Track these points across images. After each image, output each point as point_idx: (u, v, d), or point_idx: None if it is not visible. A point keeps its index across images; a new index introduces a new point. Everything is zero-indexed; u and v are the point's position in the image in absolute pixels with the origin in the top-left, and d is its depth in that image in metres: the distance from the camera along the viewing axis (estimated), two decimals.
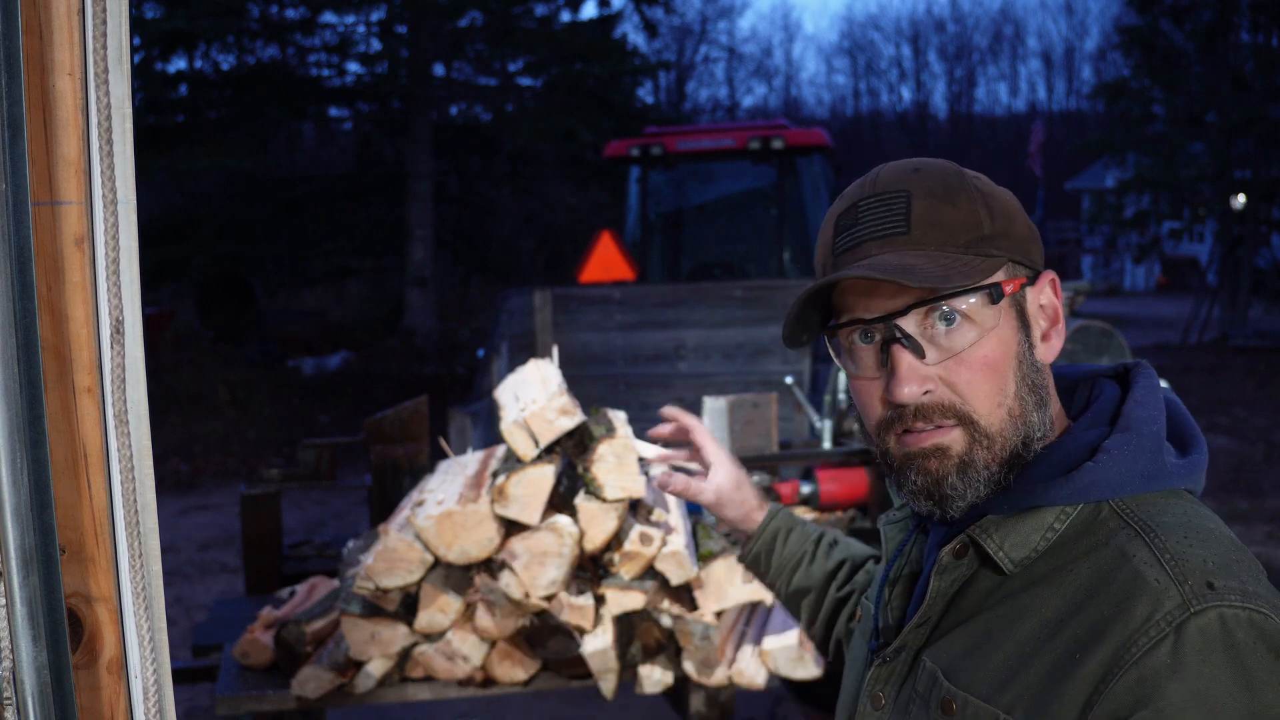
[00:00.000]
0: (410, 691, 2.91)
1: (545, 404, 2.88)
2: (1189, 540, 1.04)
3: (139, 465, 1.06)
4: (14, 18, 0.95)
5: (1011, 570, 1.10)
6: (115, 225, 1.04)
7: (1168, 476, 1.10)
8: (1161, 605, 1.00)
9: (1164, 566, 1.02)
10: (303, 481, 4.21)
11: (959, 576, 1.14)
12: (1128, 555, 1.05)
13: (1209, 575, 1.01)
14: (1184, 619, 0.98)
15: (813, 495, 3.77)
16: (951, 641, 1.13)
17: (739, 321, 6.50)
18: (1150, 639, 0.99)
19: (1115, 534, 1.07)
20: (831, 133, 11.43)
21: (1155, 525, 1.06)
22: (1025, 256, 1.14)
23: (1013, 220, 1.14)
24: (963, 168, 1.17)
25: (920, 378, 1.11)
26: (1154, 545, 1.04)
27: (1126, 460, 1.09)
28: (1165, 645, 0.98)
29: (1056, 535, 1.09)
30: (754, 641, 2.92)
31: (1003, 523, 1.11)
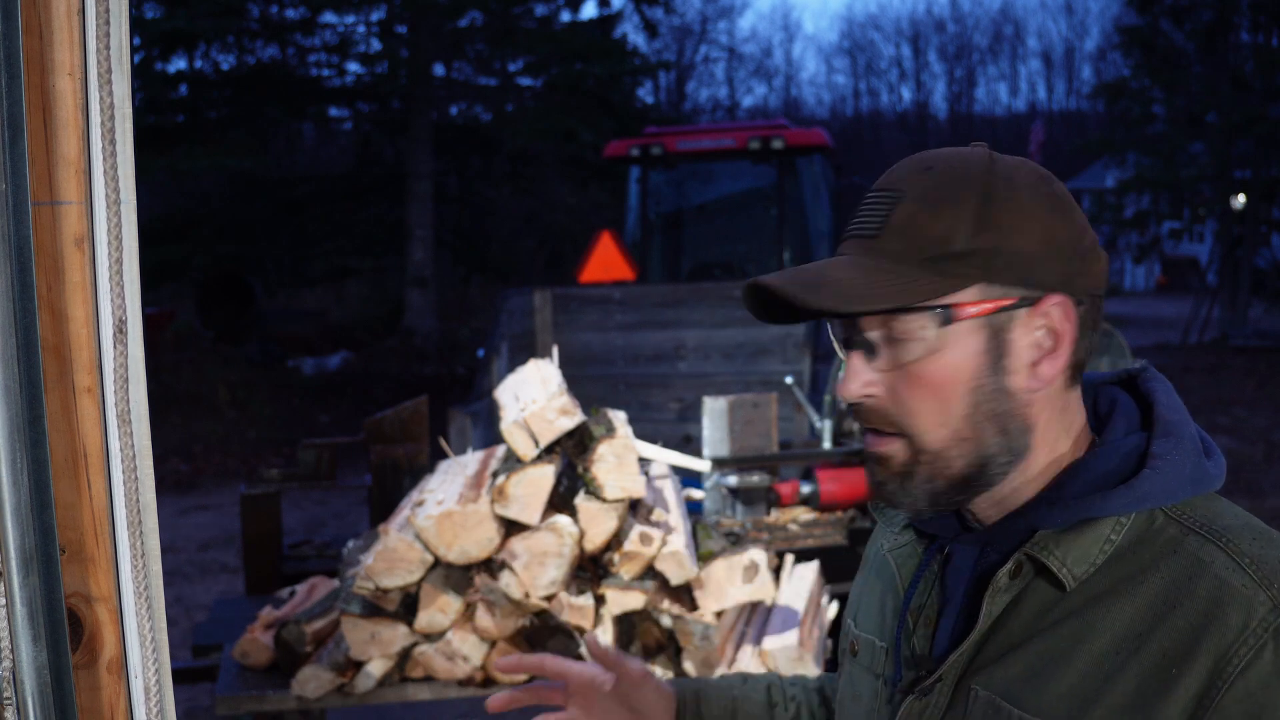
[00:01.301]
0: (410, 691, 2.91)
1: (545, 404, 2.88)
2: (1259, 542, 1.02)
3: (139, 465, 1.06)
4: (14, 18, 0.95)
5: (1073, 586, 1.04)
6: (116, 225, 1.04)
7: (1209, 479, 1.08)
8: (1255, 611, 0.97)
9: (1246, 571, 0.99)
10: (303, 481, 4.21)
11: (1009, 598, 1.08)
12: (1205, 562, 1.01)
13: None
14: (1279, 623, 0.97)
15: (813, 495, 3.77)
16: (1007, 666, 1.06)
17: (739, 321, 6.50)
18: (1250, 647, 0.96)
19: (1182, 541, 1.03)
20: (831, 133, 11.44)
21: (1222, 529, 1.03)
22: (1017, 276, 1.04)
23: (1009, 235, 1.04)
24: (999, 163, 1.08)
25: (863, 380, 1.08)
26: (1230, 550, 1.01)
27: (1176, 466, 1.06)
28: (1267, 653, 0.96)
29: (1113, 547, 1.04)
30: (754, 641, 2.92)
31: (1060, 537, 1.05)
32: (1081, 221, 1.07)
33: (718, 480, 3.75)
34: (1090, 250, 1.07)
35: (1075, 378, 1.10)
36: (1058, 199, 1.07)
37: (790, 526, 3.73)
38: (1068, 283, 1.06)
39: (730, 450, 3.69)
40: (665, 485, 3.19)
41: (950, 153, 1.10)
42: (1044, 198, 1.06)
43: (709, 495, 3.80)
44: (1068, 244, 1.06)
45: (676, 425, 6.29)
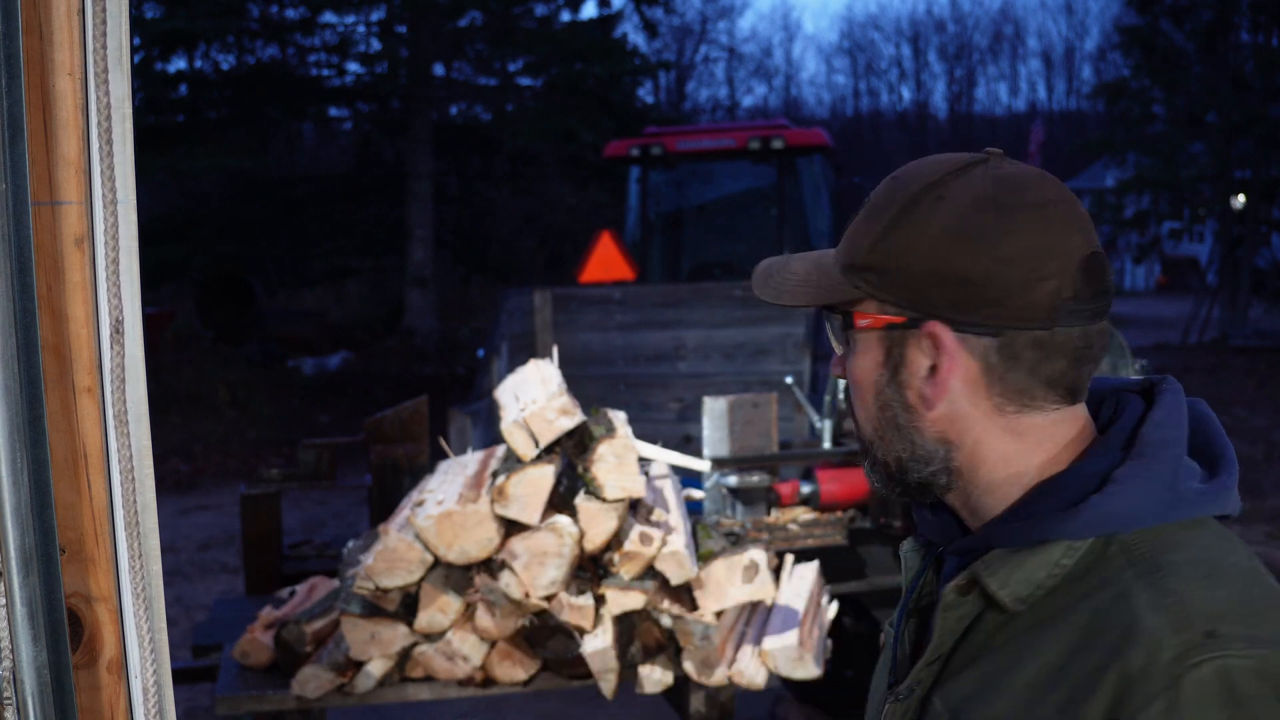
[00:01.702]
0: (410, 691, 2.91)
1: (545, 404, 2.88)
2: (1197, 580, 0.97)
3: (139, 465, 1.06)
4: (14, 18, 0.95)
5: (1016, 609, 1.04)
6: (115, 225, 1.04)
7: (1187, 505, 1.02)
8: (1158, 657, 0.93)
9: (1164, 611, 0.95)
10: (303, 481, 4.21)
11: (966, 614, 1.08)
12: (1129, 597, 0.98)
13: (1213, 621, 0.94)
14: (1180, 673, 0.92)
15: (813, 495, 3.77)
16: (961, 682, 1.07)
17: (739, 321, 6.50)
18: (1145, 695, 0.92)
19: (1122, 572, 1.00)
20: (831, 133, 11.44)
21: (1163, 563, 0.99)
22: (906, 298, 1.06)
23: (901, 256, 1.05)
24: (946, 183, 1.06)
25: (836, 363, 1.16)
26: (1156, 586, 0.97)
27: (1138, 490, 1.01)
28: (1160, 703, 0.92)
29: (1065, 571, 1.02)
30: (754, 641, 2.92)
31: (1009, 557, 1.04)
32: (1002, 255, 1.02)
33: (718, 480, 3.75)
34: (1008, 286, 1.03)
35: (1023, 404, 1.06)
36: (978, 230, 1.03)
37: (790, 526, 3.73)
38: (958, 312, 1.04)
39: (730, 450, 3.69)
40: (665, 485, 3.19)
41: (929, 161, 1.10)
42: (960, 227, 1.04)
43: (709, 495, 3.80)
44: (961, 274, 1.03)
45: (676, 425, 6.29)
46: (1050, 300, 1.03)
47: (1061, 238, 1.03)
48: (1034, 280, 1.02)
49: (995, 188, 1.05)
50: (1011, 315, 1.03)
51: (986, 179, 1.06)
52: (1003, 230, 1.03)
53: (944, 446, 1.09)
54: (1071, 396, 1.07)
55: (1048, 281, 1.02)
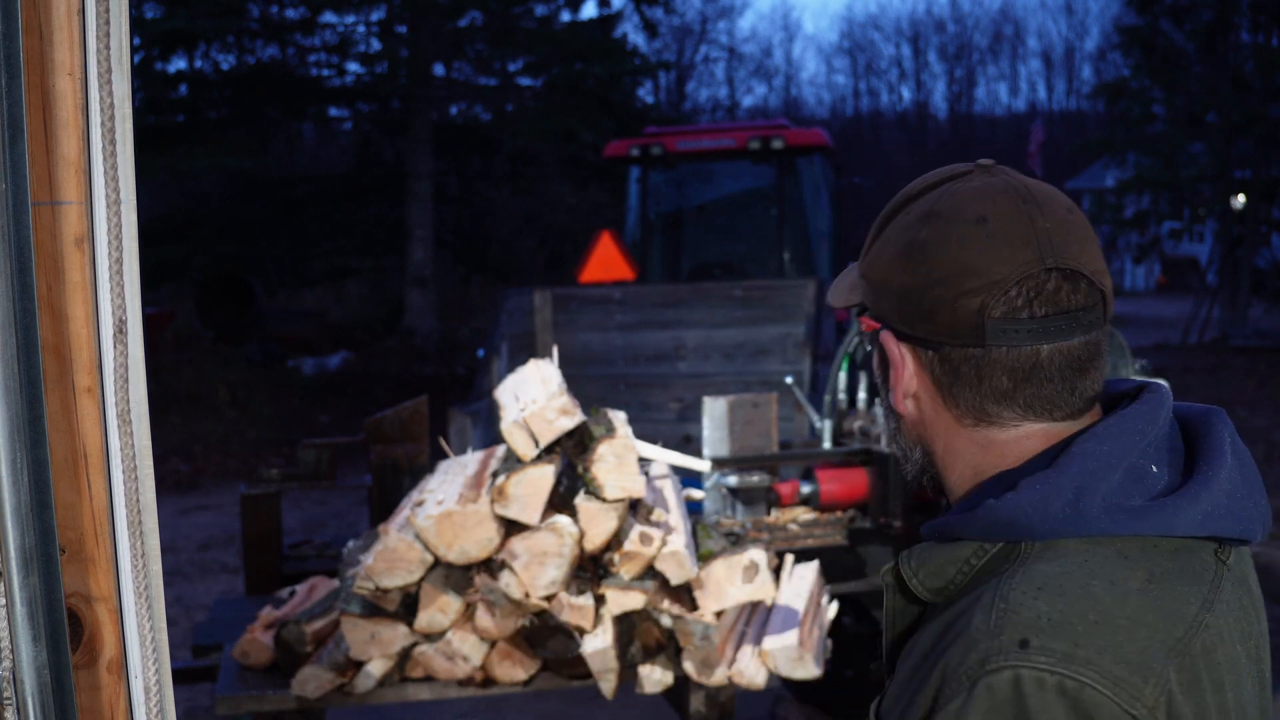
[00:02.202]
0: (410, 691, 2.91)
1: (545, 404, 2.88)
2: (1042, 592, 0.96)
3: (139, 465, 1.06)
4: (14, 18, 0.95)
5: (927, 599, 1.06)
6: (116, 225, 1.04)
7: (1088, 521, 0.99)
8: (968, 657, 0.95)
9: (990, 615, 0.96)
10: (303, 481, 4.21)
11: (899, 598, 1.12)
12: (978, 601, 0.99)
13: (1031, 632, 0.94)
14: (979, 675, 0.93)
15: (813, 495, 3.77)
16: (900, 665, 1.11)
17: (739, 321, 6.50)
18: (950, 691, 0.94)
19: (999, 575, 1.01)
20: (831, 133, 11.44)
21: (1024, 571, 0.99)
22: (876, 307, 1.12)
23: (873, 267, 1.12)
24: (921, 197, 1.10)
25: None
26: (999, 591, 0.98)
27: (1036, 499, 1.00)
28: (956, 701, 0.94)
29: (974, 570, 1.04)
30: (754, 641, 2.92)
31: (926, 551, 1.08)
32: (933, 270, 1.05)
33: (718, 480, 3.75)
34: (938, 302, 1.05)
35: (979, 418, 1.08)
36: (916, 245, 1.06)
37: (790, 526, 3.73)
38: (902, 324, 1.09)
39: (730, 450, 3.69)
40: (665, 485, 3.19)
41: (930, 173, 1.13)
42: (904, 243, 1.07)
43: (709, 495, 3.80)
44: (901, 288, 1.07)
45: (676, 425, 6.29)
46: (974, 318, 1.03)
47: (994, 254, 1.02)
48: (958, 296, 1.04)
49: (944, 203, 1.07)
50: (943, 330, 1.05)
51: (945, 194, 1.08)
52: (936, 245, 1.05)
53: (919, 449, 1.14)
54: (1037, 412, 1.06)
55: (971, 299, 1.03)
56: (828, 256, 9.66)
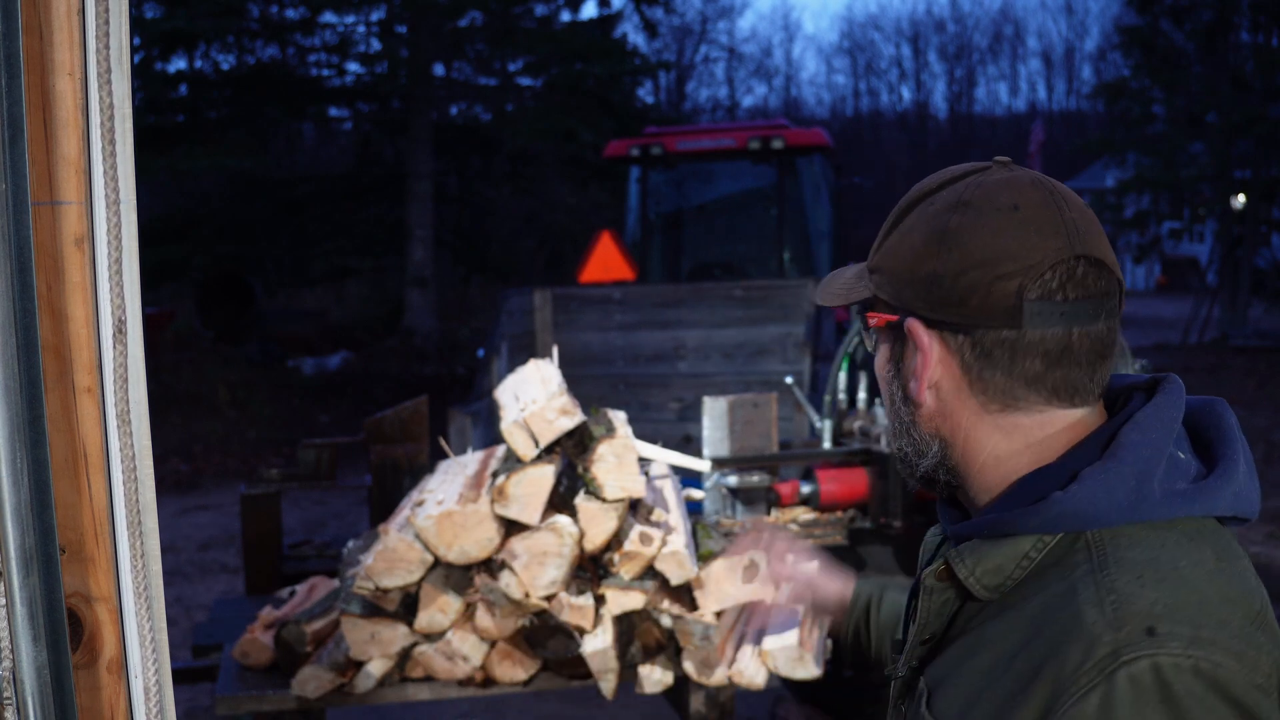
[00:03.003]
0: (410, 691, 2.91)
1: (545, 404, 2.88)
2: (1144, 579, 0.99)
3: (139, 465, 1.06)
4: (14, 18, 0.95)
5: (986, 596, 1.08)
6: (115, 225, 1.04)
7: (1153, 506, 1.03)
8: (1094, 652, 0.95)
9: (1105, 608, 0.97)
10: (303, 481, 4.21)
11: (949, 599, 1.12)
12: (1075, 592, 1.00)
13: (1153, 620, 0.96)
14: (1114, 668, 0.94)
15: (813, 495, 3.77)
16: (943, 662, 1.12)
17: (739, 321, 6.49)
18: (1080, 688, 0.95)
19: (1077, 568, 1.02)
20: (831, 133, 11.43)
21: (1114, 561, 1.01)
22: (895, 296, 1.13)
23: (893, 258, 1.13)
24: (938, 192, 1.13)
25: None
26: (1101, 584, 0.99)
27: (1103, 489, 1.03)
28: (1095, 696, 0.94)
29: (1033, 564, 1.06)
30: (754, 641, 2.92)
31: (979, 547, 1.08)
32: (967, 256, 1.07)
33: (718, 480, 3.75)
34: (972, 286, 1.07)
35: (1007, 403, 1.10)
36: (947, 232, 1.08)
37: (790, 526, 3.73)
38: (931, 310, 1.10)
39: (730, 450, 3.69)
40: (665, 485, 3.19)
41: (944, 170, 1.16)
42: (933, 231, 1.09)
43: (709, 495, 3.79)
44: (931, 274, 1.09)
45: (676, 425, 6.29)
46: (1012, 301, 1.06)
47: (1028, 240, 1.06)
48: (994, 280, 1.06)
49: (973, 193, 1.09)
50: (977, 314, 1.07)
51: (971, 185, 1.10)
52: (969, 232, 1.07)
53: (938, 441, 1.14)
54: (1061, 397, 1.09)
55: (1008, 282, 1.06)
56: (828, 256, 9.66)
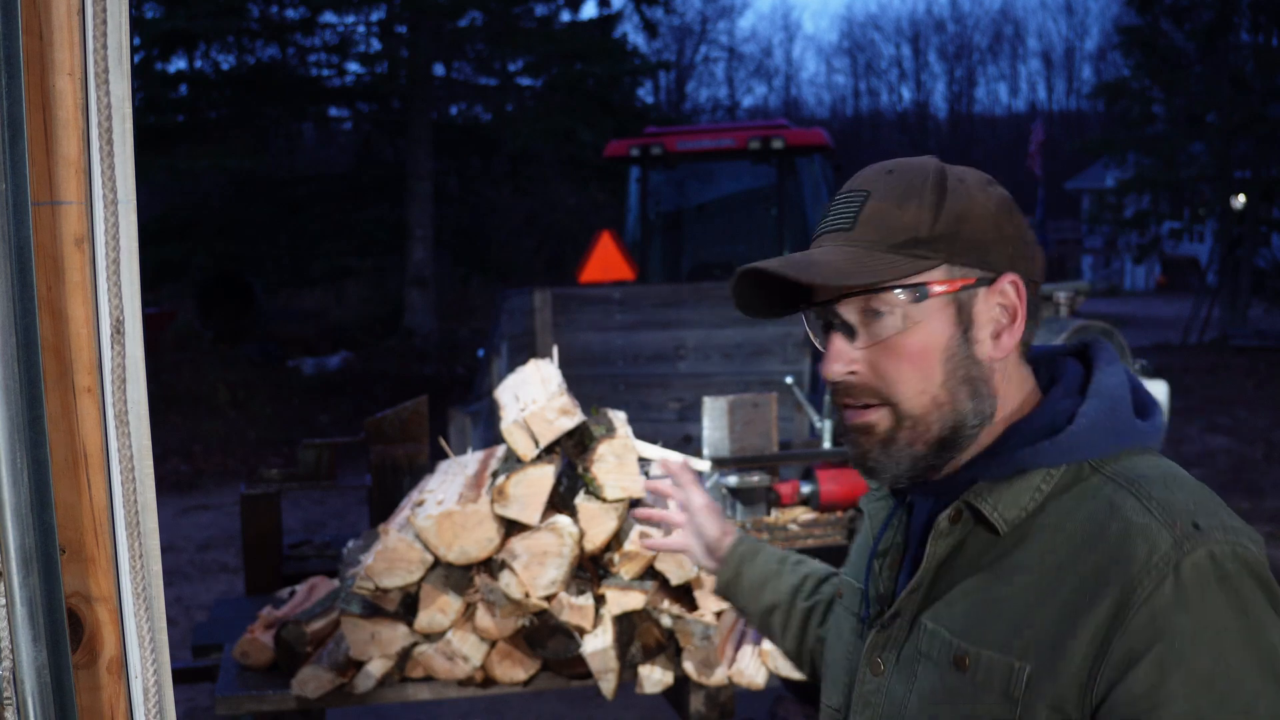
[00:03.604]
0: (410, 691, 2.91)
1: (545, 404, 2.87)
2: (1169, 487, 1.16)
3: (139, 465, 1.06)
4: (14, 18, 0.95)
5: (1005, 530, 1.20)
6: (115, 225, 1.04)
7: (1137, 435, 1.22)
8: (1158, 548, 1.10)
9: (1153, 513, 1.13)
10: (303, 481, 4.21)
11: (952, 542, 1.23)
12: (1116, 506, 1.15)
13: (1193, 516, 1.12)
14: (1180, 558, 1.09)
15: (813, 495, 3.77)
16: (951, 603, 1.22)
17: (739, 321, 6.49)
18: (1153, 579, 1.09)
19: (1100, 489, 1.17)
20: (831, 133, 11.43)
21: (1136, 477, 1.17)
22: (976, 259, 1.22)
23: (965, 223, 1.21)
24: (949, 169, 1.26)
25: (846, 359, 1.24)
26: (1140, 495, 1.15)
27: (1102, 423, 1.20)
28: (1168, 584, 1.09)
29: (1043, 495, 1.19)
30: (754, 641, 2.92)
31: (994, 487, 1.21)
32: (1023, 219, 1.26)
33: (718, 480, 3.75)
34: (1032, 243, 1.26)
35: (1025, 352, 1.28)
36: (1003, 199, 1.25)
37: (790, 526, 3.73)
38: (1017, 266, 1.24)
39: (730, 450, 3.69)
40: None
41: (907, 159, 1.28)
42: (991, 196, 1.24)
43: (709, 495, 3.79)
44: (1014, 235, 1.24)
45: (676, 425, 6.29)
46: (1044, 260, 1.29)
47: None
48: (1035, 241, 1.27)
49: (979, 174, 1.27)
50: (1037, 269, 1.26)
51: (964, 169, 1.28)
52: (1012, 203, 1.26)
53: (994, 398, 1.25)
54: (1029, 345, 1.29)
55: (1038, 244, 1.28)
56: None
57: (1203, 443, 10.92)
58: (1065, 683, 1.12)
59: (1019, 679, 1.14)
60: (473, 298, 20.68)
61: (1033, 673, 1.13)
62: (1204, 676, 1.07)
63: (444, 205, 18.60)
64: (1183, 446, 10.52)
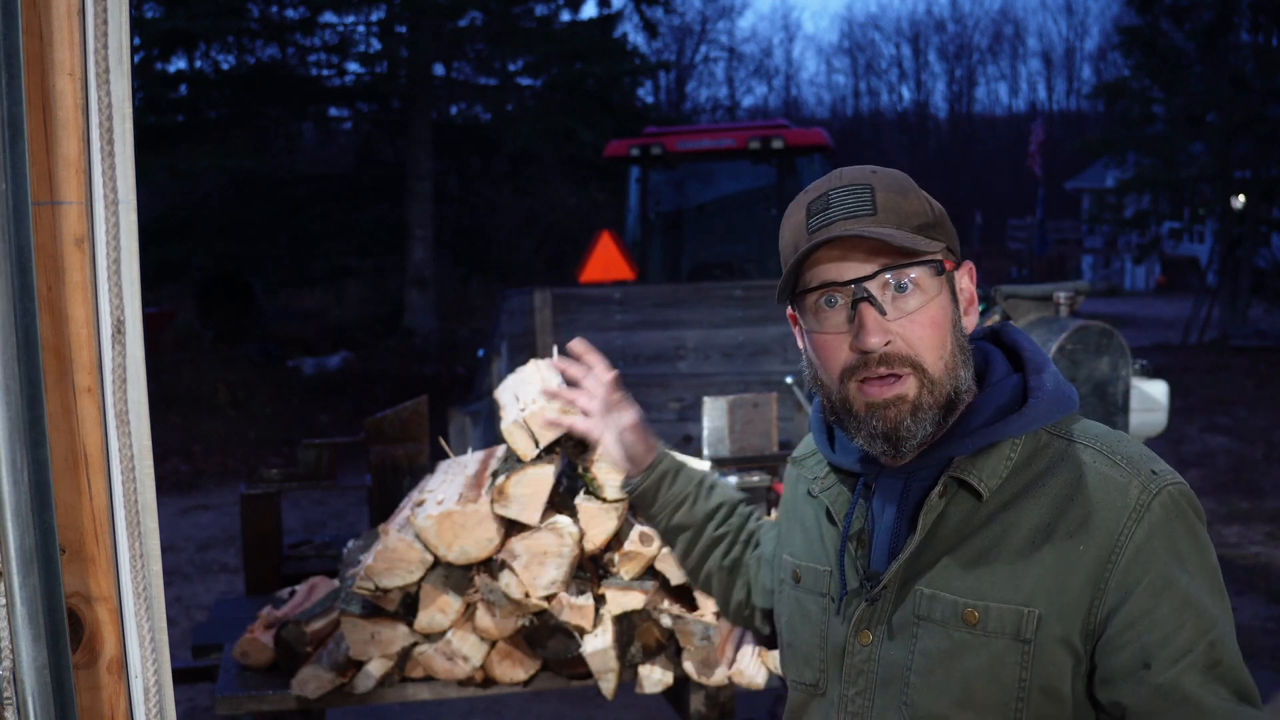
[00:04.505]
0: (410, 691, 2.91)
1: (545, 404, 2.87)
2: (1123, 441, 1.38)
3: (139, 465, 1.06)
4: (14, 18, 0.95)
5: (988, 497, 1.36)
6: (115, 225, 1.04)
7: (1072, 403, 1.41)
8: (1130, 494, 1.31)
9: (1120, 465, 1.34)
10: (303, 481, 4.21)
11: (937, 515, 1.37)
12: (1087, 463, 1.35)
13: (1149, 462, 1.35)
14: (1149, 500, 1.31)
15: None
16: (944, 568, 1.36)
17: (739, 321, 6.49)
18: (1133, 520, 1.30)
19: (1068, 451, 1.36)
20: (831, 133, 11.43)
21: (1093, 438, 1.38)
22: (950, 245, 1.41)
23: (946, 217, 1.42)
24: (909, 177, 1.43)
25: (884, 330, 1.35)
26: (1105, 451, 1.36)
27: (1049, 395, 1.38)
28: (1144, 523, 1.30)
29: (1013, 463, 1.36)
30: (754, 641, 2.92)
31: (974, 460, 1.37)
32: None
33: None
34: None
35: None
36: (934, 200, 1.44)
37: None
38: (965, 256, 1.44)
39: (730, 450, 3.69)
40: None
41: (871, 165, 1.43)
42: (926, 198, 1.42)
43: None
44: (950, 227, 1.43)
45: (676, 425, 6.29)
46: None
47: None
48: None
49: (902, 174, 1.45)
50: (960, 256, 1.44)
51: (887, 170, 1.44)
52: None
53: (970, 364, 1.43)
54: None
55: None
56: None
57: (1203, 443, 10.92)
58: (1070, 618, 1.30)
59: (1029, 621, 1.31)
60: (473, 298, 20.67)
61: (1042, 615, 1.30)
62: (1182, 598, 1.28)
63: (444, 205, 18.60)
64: (1183, 446, 10.52)
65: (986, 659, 1.32)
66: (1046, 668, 1.30)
